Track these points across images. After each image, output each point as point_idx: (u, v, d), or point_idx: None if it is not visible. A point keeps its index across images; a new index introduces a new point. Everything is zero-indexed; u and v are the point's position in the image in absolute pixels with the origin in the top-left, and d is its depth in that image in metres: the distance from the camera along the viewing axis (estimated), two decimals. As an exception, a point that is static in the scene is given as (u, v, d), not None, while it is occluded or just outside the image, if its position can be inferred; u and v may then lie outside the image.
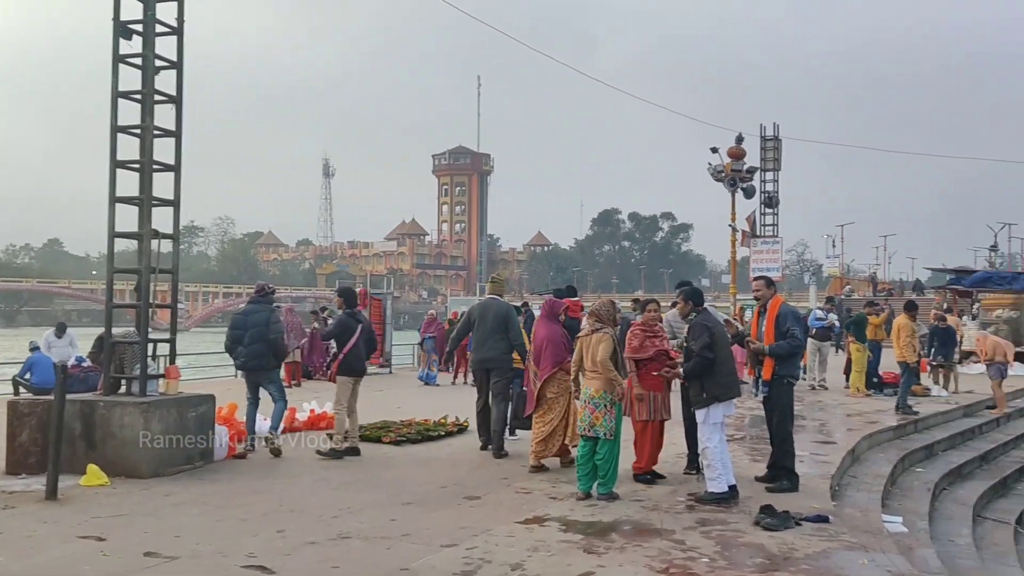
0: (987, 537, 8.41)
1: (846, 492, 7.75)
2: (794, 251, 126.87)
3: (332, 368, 8.90)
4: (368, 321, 9.19)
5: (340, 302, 9.08)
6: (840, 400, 14.13)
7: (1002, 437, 12.72)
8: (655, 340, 7.39)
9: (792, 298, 42.84)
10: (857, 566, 5.03)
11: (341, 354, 8.62)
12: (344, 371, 8.60)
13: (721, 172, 21.53)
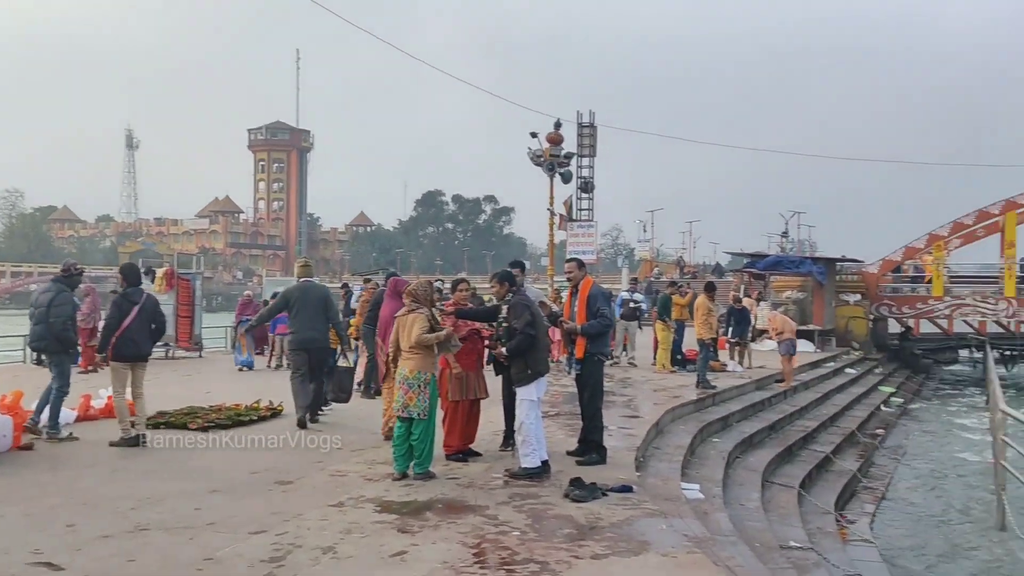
0: (774, 500, 9.13)
1: (650, 463, 8.18)
2: (609, 235, 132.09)
3: (105, 352, 8.20)
4: (153, 301, 8.56)
5: (123, 280, 8.53)
6: (648, 376, 14.88)
7: (789, 408, 13.83)
8: (467, 320, 7.48)
9: (605, 280, 44.66)
10: (657, 531, 5.32)
11: (114, 337, 8.00)
12: (116, 356, 8.05)
13: (540, 157, 22.03)
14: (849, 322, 25.44)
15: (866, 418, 15.81)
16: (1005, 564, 8.30)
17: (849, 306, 25.80)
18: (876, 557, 7.85)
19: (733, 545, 5.89)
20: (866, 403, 17.68)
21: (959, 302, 25.80)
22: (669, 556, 4.80)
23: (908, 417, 19.06)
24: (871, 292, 26.18)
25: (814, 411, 14.62)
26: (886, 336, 31.05)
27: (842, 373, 20.04)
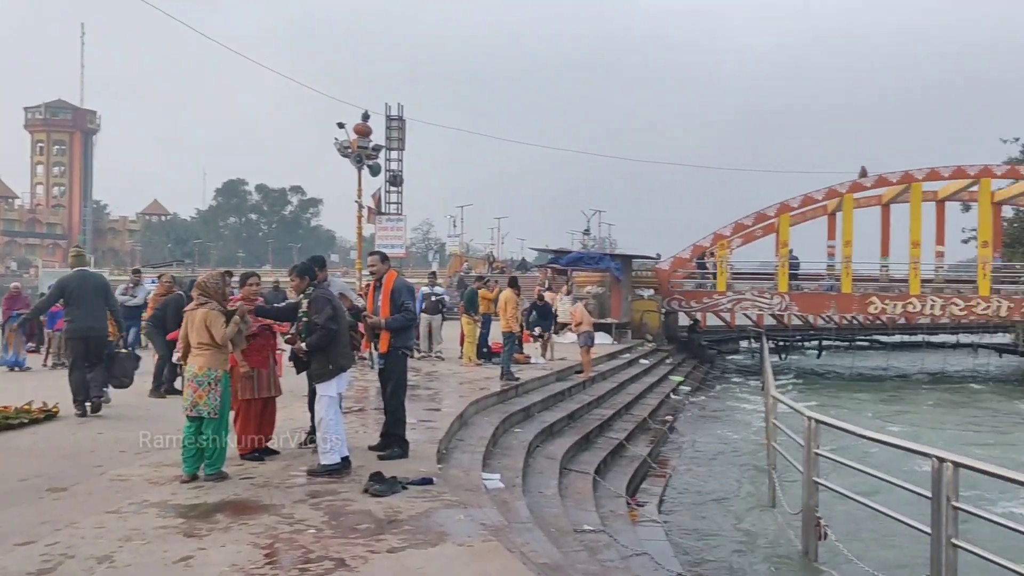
0: (571, 486, 9.48)
1: (453, 455, 8.26)
2: (420, 229, 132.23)
3: None
4: None
5: None
6: (454, 370, 15.01)
7: (587, 398, 14.43)
8: (266, 318, 7.22)
9: (415, 275, 44.60)
10: (455, 522, 5.38)
11: None
12: None
13: (348, 148, 21.65)
14: (643, 315, 26.91)
15: (657, 406, 16.77)
16: (774, 538, 9.07)
17: (644, 300, 27.30)
18: (662, 536, 8.34)
19: (529, 531, 6.06)
20: (657, 391, 18.76)
21: (740, 297, 27.92)
22: (465, 545, 4.86)
23: (695, 404, 20.44)
24: (663, 288, 27.82)
25: (610, 400, 15.34)
26: (676, 328, 33.12)
27: (636, 364, 21.16)
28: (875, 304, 27.03)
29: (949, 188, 30.45)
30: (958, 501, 5.56)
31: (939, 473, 5.67)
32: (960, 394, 25.48)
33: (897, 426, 18.08)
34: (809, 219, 31.72)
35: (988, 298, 25.75)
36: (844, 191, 27.52)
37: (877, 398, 23.78)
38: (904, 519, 6.32)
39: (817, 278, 30.01)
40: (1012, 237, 38.37)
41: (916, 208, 27.13)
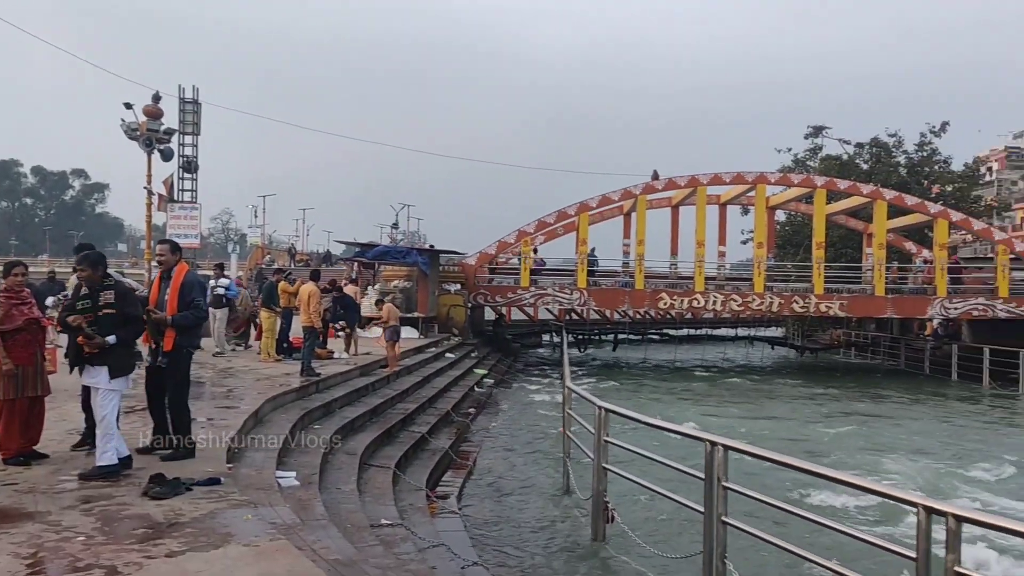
0: (371, 482, 9.40)
1: (246, 453, 7.95)
2: (219, 219, 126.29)
3: None
4: None
5: None
6: (251, 366, 14.46)
7: (391, 392, 14.37)
8: (23, 308, 6.61)
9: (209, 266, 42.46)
10: (242, 522, 5.18)
11: None
12: None
13: (136, 131, 20.25)
14: (450, 310, 27.15)
15: (461, 399, 16.97)
16: (566, 524, 9.43)
17: (450, 295, 27.53)
18: (460, 527, 8.45)
19: (323, 528, 5.94)
20: (462, 385, 18.99)
21: (542, 292, 28.79)
22: (251, 546, 4.70)
23: (498, 396, 20.87)
24: (469, 282, 28.18)
25: (415, 394, 15.35)
26: (482, 323, 33.68)
27: (442, 358, 21.32)
28: (665, 300, 28.75)
29: (730, 193, 32.92)
30: (728, 481, 6.03)
31: (711, 456, 6.12)
32: (738, 382, 27.67)
33: (687, 412, 19.37)
34: (607, 218, 33.28)
35: (762, 295, 28.08)
36: (638, 193, 29.06)
37: (666, 387, 25.33)
38: (680, 499, 6.76)
39: (613, 275, 31.50)
40: (784, 239, 42.03)
41: (701, 210, 29.12)
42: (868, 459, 14.07)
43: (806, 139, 43.20)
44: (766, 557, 7.54)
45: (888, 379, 29.17)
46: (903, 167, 40.28)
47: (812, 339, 43.10)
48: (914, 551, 4.38)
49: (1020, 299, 27.38)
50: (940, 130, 40.29)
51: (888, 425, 18.15)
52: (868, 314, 30.97)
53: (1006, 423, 19.59)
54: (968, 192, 41.16)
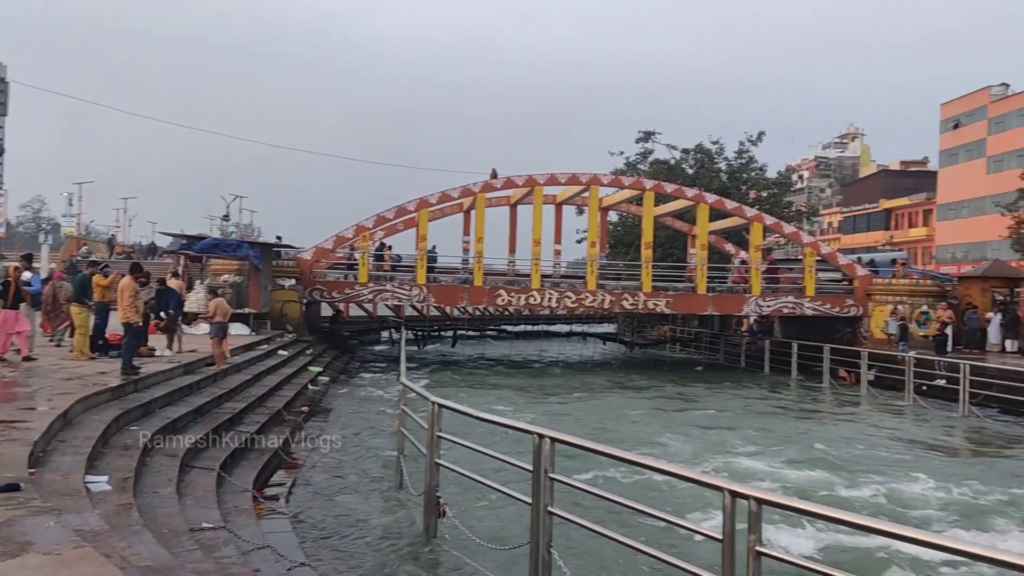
0: (193, 484, 8.99)
1: (52, 458, 7.41)
2: (30, 207, 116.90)
3: None
4: None
5: None
6: (62, 364, 13.48)
7: (218, 391, 13.78)
8: None
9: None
10: (44, 530, 4.83)
11: None
12: None
13: (-71, 107, 18.38)
14: (284, 306, 26.38)
15: (293, 397, 16.53)
16: (398, 519, 9.40)
17: (284, 290, 26.74)
18: (287, 527, 8.24)
19: (136, 534, 5.64)
20: (295, 383, 18.49)
21: (381, 288, 28.50)
22: (52, 554, 4.38)
23: (333, 394, 20.50)
24: (305, 277, 27.49)
25: (244, 393, 14.80)
26: (318, 319, 32.95)
27: (275, 355, 20.66)
28: (503, 296, 29.17)
29: (566, 193, 33.84)
30: (554, 472, 6.19)
31: (539, 448, 6.27)
32: (572, 376, 28.51)
33: (522, 406, 19.74)
34: (447, 215, 33.38)
35: (595, 292, 29.04)
36: (477, 190, 29.32)
37: (503, 382, 25.73)
38: (508, 491, 6.89)
39: (453, 271, 31.64)
40: (616, 239, 43.66)
41: (538, 209, 29.76)
42: (683, 446, 14.88)
43: (637, 143, 45.07)
44: (592, 545, 7.81)
45: (708, 372, 30.94)
46: (724, 173, 42.81)
47: (641, 335, 45.04)
48: (721, 533, 4.65)
49: (825, 298, 29.72)
50: (757, 139, 43.14)
51: (705, 414, 19.26)
52: (691, 311, 32.69)
53: (807, 412, 21.25)
54: (781, 198, 44.28)
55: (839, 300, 29.63)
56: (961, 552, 3.75)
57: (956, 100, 64.75)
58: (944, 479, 12.57)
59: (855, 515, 4.27)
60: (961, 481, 12.43)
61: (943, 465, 14.12)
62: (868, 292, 29.21)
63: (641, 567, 7.70)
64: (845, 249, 60.17)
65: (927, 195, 69.04)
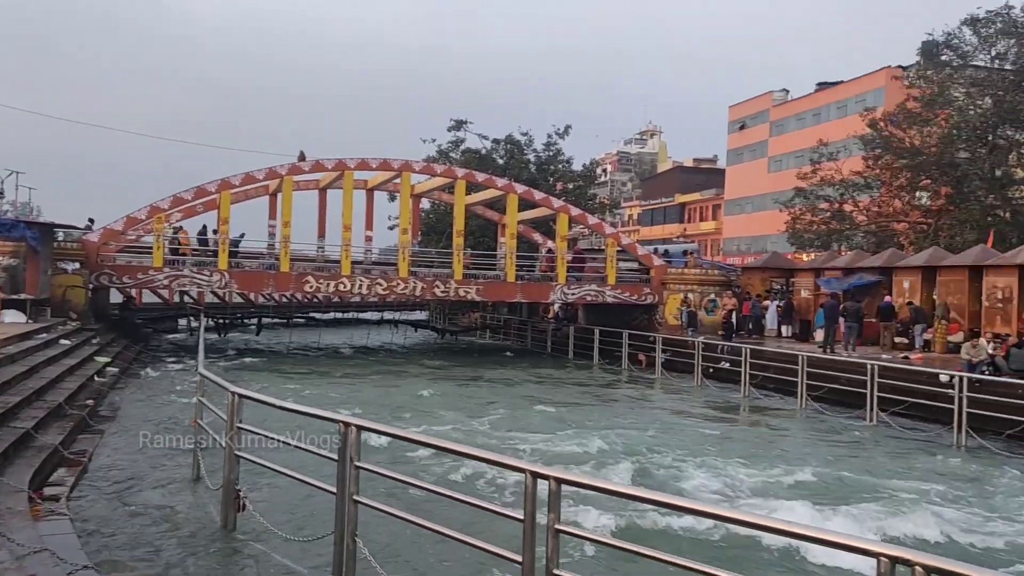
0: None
1: None
2: None
3: None
4: None
5: None
6: None
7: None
8: None
9: None
10: None
11: None
12: None
13: None
14: (67, 291, 24.39)
15: (77, 390, 15.33)
16: (194, 514, 8.97)
17: (67, 275, 24.70)
18: (69, 529, 7.64)
19: None
20: (79, 374, 17.15)
21: (178, 273, 26.98)
22: None
23: (124, 386, 19.21)
24: (91, 261, 25.53)
25: (19, 385, 13.53)
26: (107, 306, 30.71)
27: (56, 344, 19.06)
28: (311, 283, 28.46)
29: (377, 178, 33.47)
30: (360, 461, 6.12)
31: (345, 436, 6.18)
32: (382, 363, 28.31)
33: (329, 394, 19.37)
34: (252, 198, 32.07)
35: (407, 279, 28.96)
36: (284, 173, 28.38)
37: (310, 371, 25.14)
38: (312, 481, 6.75)
39: (258, 256, 30.49)
40: (428, 226, 43.75)
41: (348, 194, 29.23)
42: (489, 429, 15.21)
43: (449, 131, 45.33)
44: (401, 532, 7.82)
45: (517, 358, 31.75)
46: (533, 164, 43.97)
47: (453, 322, 45.47)
48: (522, 513, 4.78)
49: (625, 286, 31.25)
50: (564, 133, 44.62)
51: (512, 399, 19.77)
52: (501, 298, 33.36)
53: (605, 394, 22.33)
54: (586, 190, 46.08)
55: (637, 288, 31.26)
56: (734, 520, 4.08)
57: (742, 103, 69.99)
58: (726, 454, 13.64)
59: (644, 490, 4.54)
60: (733, 454, 13.54)
61: (724, 439, 15.29)
62: (663, 281, 31.00)
63: (449, 551, 7.80)
64: (644, 240, 63.64)
65: (716, 191, 74.27)
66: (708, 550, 8.28)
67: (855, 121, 38.29)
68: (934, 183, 33.10)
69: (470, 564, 7.44)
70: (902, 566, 3.24)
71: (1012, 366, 16.97)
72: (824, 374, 19.51)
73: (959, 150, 31.71)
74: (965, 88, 33.07)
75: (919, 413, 16.97)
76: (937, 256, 24.89)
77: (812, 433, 16.80)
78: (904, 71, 38.58)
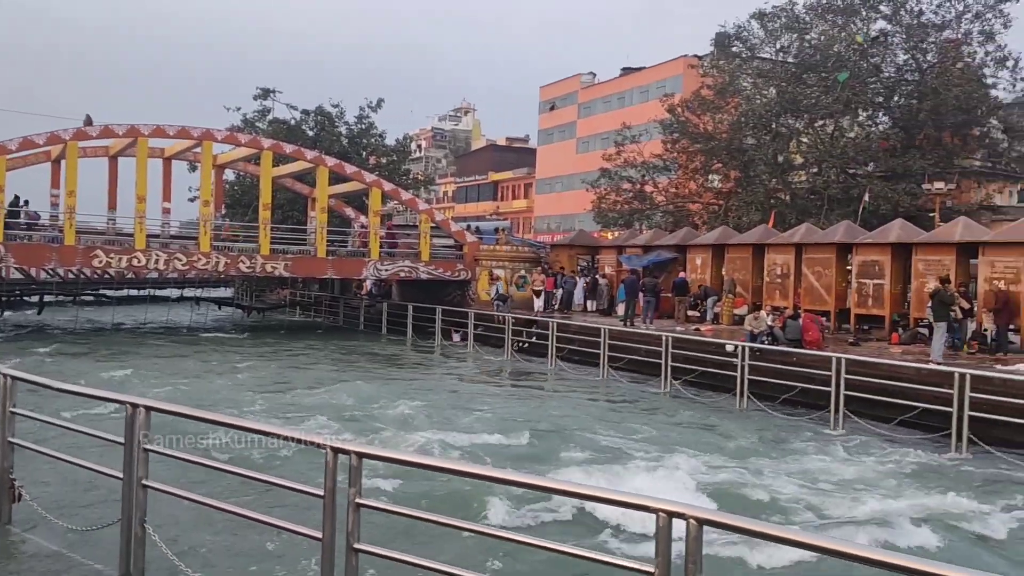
0: None
1: None
2: None
3: None
4: None
5: None
6: None
7: None
8: None
9: None
10: None
11: None
12: None
13: None
14: None
15: None
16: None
17: None
18: None
19: None
20: None
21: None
22: None
23: None
24: None
25: None
26: None
27: None
28: (100, 257, 26.49)
29: (176, 147, 31.59)
30: (150, 444, 5.79)
31: (132, 418, 5.81)
32: (179, 342, 26.90)
33: (121, 375, 18.18)
34: (31, 164, 29.34)
35: (209, 254, 27.59)
36: (68, 138, 26.12)
37: (100, 351, 23.50)
38: (95, 467, 6.33)
39: (39, 228, 28.00)
40: (233, 199, 41.86)
41: (142, 163, 27.38)
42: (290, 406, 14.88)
43: (256, 100, 43.48)
44: (199, 517, 7.50)
45: (327, 335, 31.18)
46: (345, 137, 43.05)
47: (261, 299, 43.89)
48: (323, 489, 4.70)
49: (439, 262, 31.38)
50: (376, 106, 43.93)
51: (317, 374, 19.41)
52: (311, 275, 32.57)
53: (416, 369, 22.42)
54: (400, 165, 45.70)
55: (451, 265, 31.47)
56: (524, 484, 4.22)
57: (553, 84, 71.87)
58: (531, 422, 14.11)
59: (444, 460, 4.60)
60: (536, 421, 14.05)
61: (531, 408, 15.79)
62: (476, 258, 31.40)
63: (251, 532, 7.57)
64: (459, 217, 64.19)
65: (528, 170, 76.02)
66: (507, 515, 8.53)
67: (656, 106, 40.29)
68: (725, 167, 35.50)
69: (273, 544, 7.27)
70: (678, 519, 3.47)
71: (788, 336, 18.59)
72: (625, 346, 20.54)
73: (746, 136, 34.14)
74: (752, 78, 35.60)
75: (708, 381, 18.25)
76: (726, 235, 26.79)
77: (610, 401, 17.69)
78: (700, 60, 40.95)
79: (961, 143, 32.95)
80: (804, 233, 23.67)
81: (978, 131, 33.39)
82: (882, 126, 34.60)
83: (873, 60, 33.34)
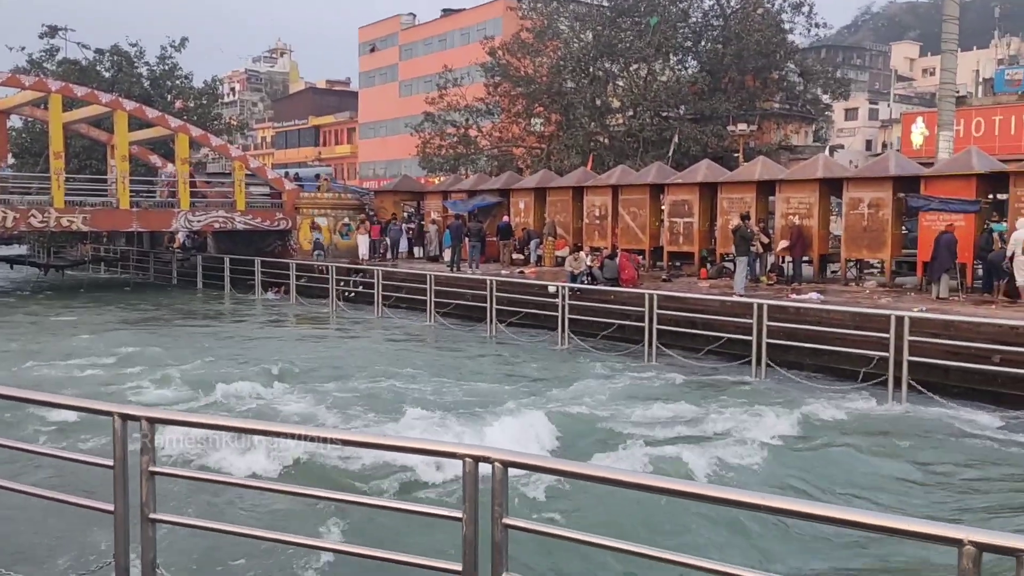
0: None
1: None
2: None
3: None
4: None
5: None
6: None
7: None
8: None
9: None
10: None
11: None
12: None
13: None
14: None
15: None
16: None
17: None
18: None
19: None
20: None
21: None
22: None
23: None
24: None
25: None
26: None
27: None
28: None
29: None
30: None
31: None
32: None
33: None
34: None
35: (-6, 208, 25.08)
36: None
37: None
38: None
39: None
40: (22, 147, 38.14)
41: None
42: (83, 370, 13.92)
43: (42, 39, 39.50)
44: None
45: (137, 292, 29.31)
46: (146, 79, 40.01)
47: (60, 256, 40.56)
48: (112, 459, 4.35)
49: (256, 212, 30.02)
50: (180, 46, 40.98)
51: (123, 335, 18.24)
52: (114, 228, 30.35)
53: (232, 323, 21.54)
54: (210, 109, 43.04)
55: (269, 214, 30.21)
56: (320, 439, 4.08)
57: (372, 25, 69.86)
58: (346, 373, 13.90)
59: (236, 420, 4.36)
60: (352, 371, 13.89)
61: (358, 358, 15.54)
62: (296, 206, 30.29)
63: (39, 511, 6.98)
64: (279, 165, 61.74)
65: (351, 114, 73.93)
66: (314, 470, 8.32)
67: (477, 49, 40.00)
68: (546, 110, 35.91)
69: (65, 520, 6.75)
70: (484, 463, 3.44)
71: (606, 275, 19.23)
72: (451, 291, 20.57)
73: (566, 80, 34.62)
74: (570, 22, 36.01)
75: (533, 322, 18.63)
76: (547, 178, 27.22)
77: (435, 347, 17.72)
78: (519, 2, 40.90)
79: (762, 86, 34.92)
80: (619, 175, 24.41)
81: (777, 75, 35.48)
82: (691, 70, 36.07)
83: (681, 5, 34.55)
